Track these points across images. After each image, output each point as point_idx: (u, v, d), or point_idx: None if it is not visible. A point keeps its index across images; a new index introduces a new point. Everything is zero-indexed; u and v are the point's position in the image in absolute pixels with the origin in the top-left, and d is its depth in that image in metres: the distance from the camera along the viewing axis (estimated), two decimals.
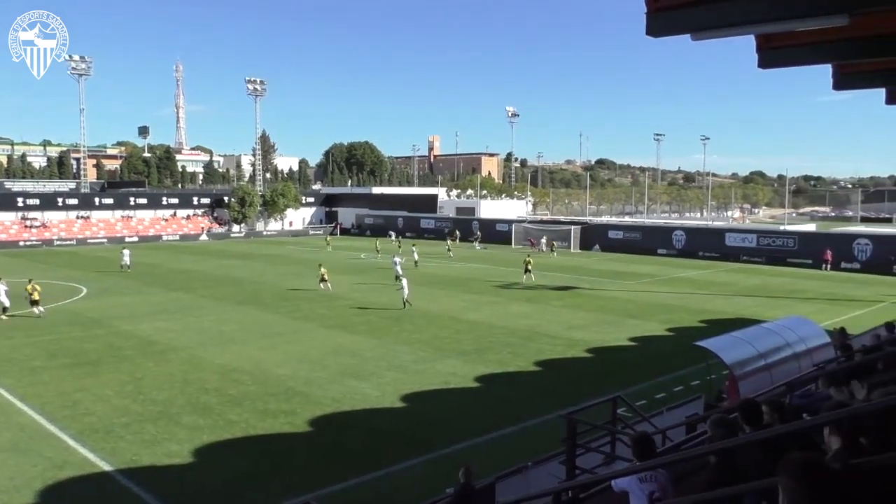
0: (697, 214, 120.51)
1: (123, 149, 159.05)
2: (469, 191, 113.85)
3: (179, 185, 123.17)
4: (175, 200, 79.81)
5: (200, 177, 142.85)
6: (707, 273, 44.77)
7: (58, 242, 66.15)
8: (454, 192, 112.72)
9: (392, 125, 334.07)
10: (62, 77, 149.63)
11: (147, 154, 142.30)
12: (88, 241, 67.65)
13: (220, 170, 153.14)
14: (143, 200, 77.46)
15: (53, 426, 14.96)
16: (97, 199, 74.78)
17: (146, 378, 18.74)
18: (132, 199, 76.71)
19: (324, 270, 35.09)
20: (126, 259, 43.74)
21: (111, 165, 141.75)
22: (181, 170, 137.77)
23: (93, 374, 19.08)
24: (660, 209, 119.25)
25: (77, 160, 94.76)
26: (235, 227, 78.86)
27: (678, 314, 29.21)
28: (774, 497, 2.88)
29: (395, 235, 71.82)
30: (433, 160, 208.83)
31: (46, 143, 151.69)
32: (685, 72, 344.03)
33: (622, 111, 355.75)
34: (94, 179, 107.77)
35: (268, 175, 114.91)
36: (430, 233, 74.51)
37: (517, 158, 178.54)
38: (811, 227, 66.90)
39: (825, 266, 46.03)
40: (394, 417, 15.84)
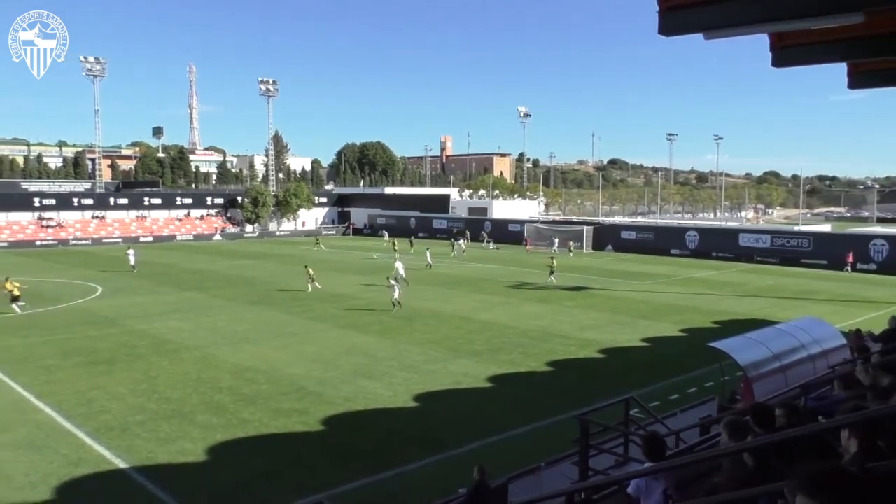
0: (711, 215, 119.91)
1: (138, 149, 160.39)
2: (481, 191, 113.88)
3: (193, 186, 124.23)
4: (189, 200, 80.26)
5: (214, 177, 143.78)
6: (720, 273, 44.46)
7: (73, 242, 66.76)
8: (466, 193, 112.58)
9: (404, 125, 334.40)
10: (77, 78, 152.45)
11: (161, 154, 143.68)
12: (104, 241, 68.23)
13: (234, 170, 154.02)
14: (158, 200, 78.04)
15: (69, 423, 15.13)
16: (112, 200, 75.37)
17: (160, 377, 18.91)
18: (146, 200, 77.25)
19: (311, 271, 35.28)
20: (132, 260, 43.96)
21: (126, 166, 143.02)
22: (195, 170, 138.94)
23: (107, 373, 19.28)
24: (673, 209, 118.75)
25: (92, 160, 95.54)
26: (249, 228, 79.24)
27: (691, 315, 29.04)
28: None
29: (388, 235, 70.46)
30: (445, 160, 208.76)
31: (62, 144, 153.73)
32: (698, 71, 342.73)
33: (634, 111, 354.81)
34: (109, 180, 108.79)
35: (280, 175, 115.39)
36: (443, 233, 74.38)
37: (529, 158, 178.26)
38: (826, 228, 66.33)
39: (847, 268, 45.50)
40: (406, 417, 15.87)
